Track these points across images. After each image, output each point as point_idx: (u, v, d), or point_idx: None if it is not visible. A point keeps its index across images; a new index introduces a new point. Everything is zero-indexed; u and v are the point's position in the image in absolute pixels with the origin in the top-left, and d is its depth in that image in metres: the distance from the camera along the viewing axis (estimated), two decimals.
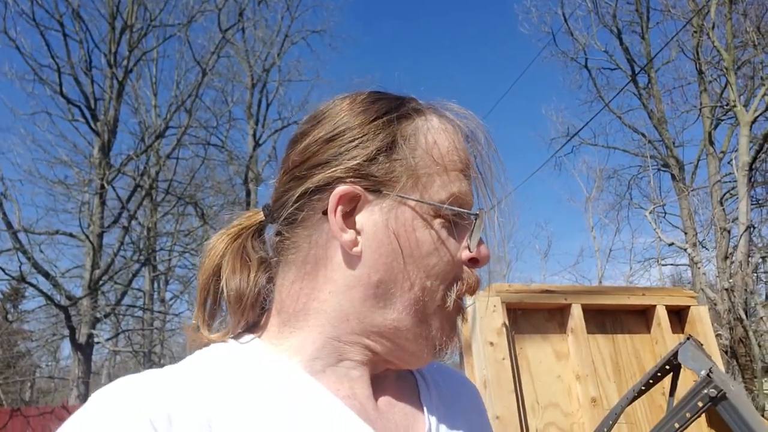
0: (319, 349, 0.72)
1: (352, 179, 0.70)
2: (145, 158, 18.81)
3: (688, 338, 1.84)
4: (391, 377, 0.80)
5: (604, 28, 19.58)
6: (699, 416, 1.38)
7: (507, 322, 2.95)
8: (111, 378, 25.98)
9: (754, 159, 14.00)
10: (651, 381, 1.97)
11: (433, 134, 0.74)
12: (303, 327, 0.73)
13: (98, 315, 17.11)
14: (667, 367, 1.95)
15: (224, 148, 23.85)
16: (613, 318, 3.44)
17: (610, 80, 21.01)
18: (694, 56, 17.46)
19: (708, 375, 1.36)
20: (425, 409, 0.79)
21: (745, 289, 12.73)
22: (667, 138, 18.82)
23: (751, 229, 13.89)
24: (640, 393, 1.99)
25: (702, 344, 1.86)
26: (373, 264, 0.70)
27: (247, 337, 0.75)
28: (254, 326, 0.78)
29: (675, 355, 1.87)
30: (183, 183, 21.61)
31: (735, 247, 13.58)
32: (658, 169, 19.93)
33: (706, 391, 1.36)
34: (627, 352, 3.37)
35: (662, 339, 3.37)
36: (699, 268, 13.96)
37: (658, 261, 17.29)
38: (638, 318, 3.46)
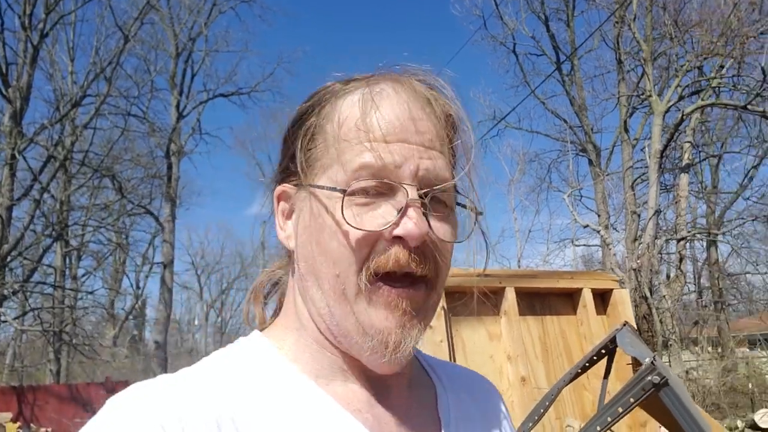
0: (311, 355, 0.71)
1: (283, 179, 0.74)
2: (60, 128, 17.81)
3: (624, 324, 1.94)
4: (405, 383, 0.76)
5: (533, 15, 20.07)
6: (642, 401, 1.45)
7: (446, 306, 3.01)
8: (16, 357, 24.61)
9: (665, 147, 14.85)
10: (587, 364, 2.06)
11: (342, 115, 0.69)
12: (290, 326, 0.74)
13: (5, 292, 16.16)
14: (603, 351, 2.04)
15: (145, 119, 22.88)
16: (542, 300, 3.58)
17: (536, 66, 21.63)
18: (614, 46, 18.20)
19: (652, 363, 1.43)
20: (442, 420, 0.76)
21: (651, 270, 13.61)
22: (587, 124, 19.63)
23: (659, 213, 14.81)
24: (577, 375, 2.08)
25: (638, 330, 1.95)
26: (302, 257, 0.71)
27: (257, 335, 0.75)
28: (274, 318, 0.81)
29: (612, 340, 1.96)
30: (100, 155, 20.59)
31: (643, 230, 14.44)
32: (577, 154, 20.80)
33: (649, 378, 1.43)
34: (554, 333, 3.52)
35: (587, 320, 3.55)
36: (610, 249, 14.77)
37: (572, 242, 18.10)
38: (565, 300, 3.62)
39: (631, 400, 1.50)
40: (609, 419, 1.57)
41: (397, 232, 0.64)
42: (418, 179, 0.66)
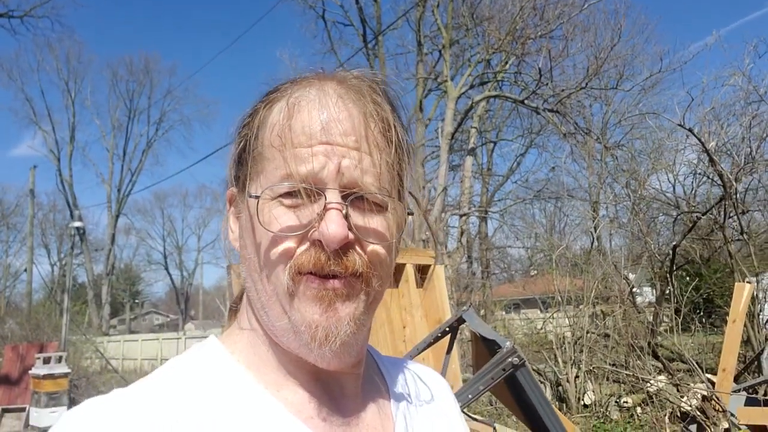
0: (261, 359, 0.73)
1: (232, 183, 0.76)
2: None
3: (469, 305, 2.13)
4: (358, 383, 0.77)
5: None
6: (501, 379, 1.64)
7: None
8: None
9: (456, 130, 16.25)
10: (433, 341, 2.24)
11: (272, 121, 0.70)
12: (243, 329, 0.75)
13: None
14: (448, 329, 2.23)
15: None
16: None
17: (343, 36, 22.00)
18: (416, 27, 19.23)
19: (513, 346, 1.62)
20: (395, 421, 0.78)
21: (437, 241, 14.94)
22: None
23: (446, 190, 16.22)
24: (424, 349, 2.25)
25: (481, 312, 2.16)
26: (243, 260, 0.74)
27: (212, 340, 0.76)
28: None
29: (458, 319, 2.16)
30: None
31: (432, 205, 15.75)
32: None
33: (510, 359, 1.62)
34: (378, 305, 3.73)
35: (408, 293, 3.81)
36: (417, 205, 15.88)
37: None
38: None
39: (492, 378, 1.68)
40: (470, 396, 1.74)
41: (315, 235, 0.66)
42: (340, 182, 0.67)
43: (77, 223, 17.51)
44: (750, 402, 5.20)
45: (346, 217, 0.66)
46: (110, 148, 42.73)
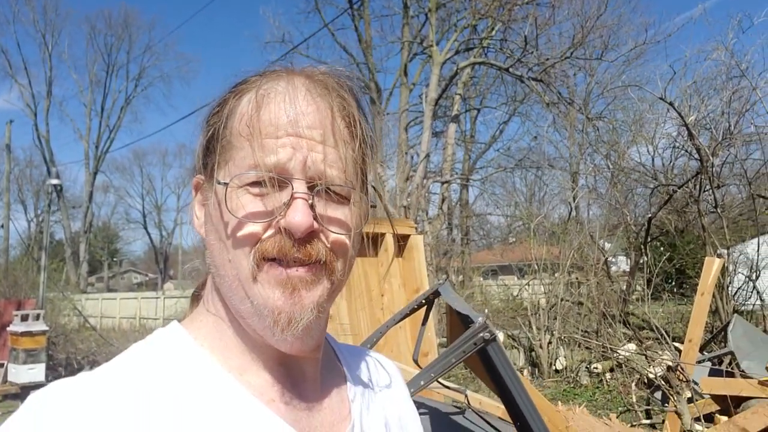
0: (226, 343, 0.75)
1: (200, 170, 0.78)
2: None
3: (446, 279, 2.19)
4: (317, 368, 0.80)
5: None
6: (472, 353, 1.70)
7: None
8: None
9: (440, 96, 16.16)
10: (409, 313, 2.30)
11: (241, 111, 0.72)
12: (207, 314, 0.77)
13: None
14: (424, 301, 2.30)
15: None
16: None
17: None
18: None
19: (485, 321, 1.68)
20: (351, 404, 0.82)
21: (418, 208, 15.02)
22: (371, 63, 20.32)
23: (428, 156, 16.22)
24: (399, 322, 2.31)
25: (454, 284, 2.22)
26: (208, 245, 0.76)
27: (175, 325, 0.77)
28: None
29: (434, 292, 2.22)
30: None
31: (414, 171, 15.76)
32: (359, 90, 21.47)
33: (482, 334, 1.68)
34: (358, 274, 3.79)
35: (386, 262, 3.87)
36: (384, 185, 15.88)
37: None
38: (369, 243, 3.89)
39: (464, 352, 1.74)
40: (443, 368, 1.81)
41: (282, 223, 0.68)
42: (307, 172, 0.70)
43: (54, 181, 17.21)
44: (714, 373, 5.42)
45: (312, 207, 0.69)
46: (88, 104, 41.75)
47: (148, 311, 24.56)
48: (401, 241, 4.07)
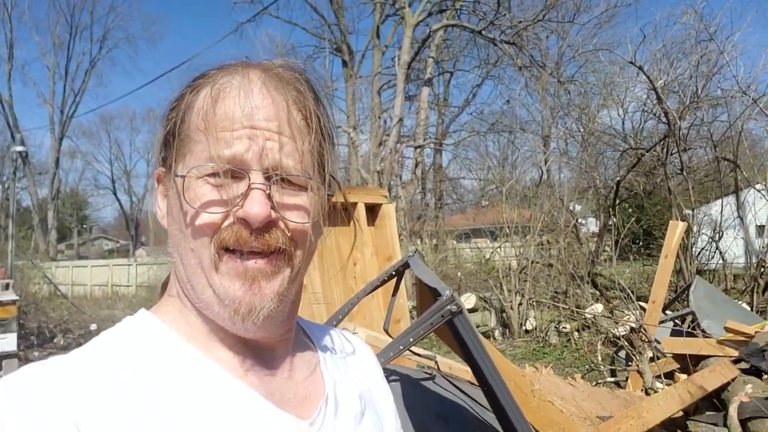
0: (192, 327, 0.76)
1: (160, 163, 0.80)
2: None
3: (415, 251, 2.23)
4: (288, 347, 0.83)
5: None
6: (440, 326, 1.76)
7: None
8: None
9: (413, 59, 16.00)
10: (379, 284, 2.35)
11: (198, 105, 0.74)
12: (172, 302, 0.79)
13: None
14: (394, 272, 2.34)
15: None
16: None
17: None
18: None
19: (452, 294, 1.73)
20: (325, 381, 0.84)
21: (392, 173, 15.02)
22: (343, 24, 19.98)
23: (401, 121, 16.15)
24: (371, 292, 2.36)
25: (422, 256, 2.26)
26: (170, 235, 0.78)
27: (143, 312, 0.79)
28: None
29: (404, 264, 2.26)
30: None
31: (388, 135, 15.69)
32: (331, 52, 21.19)
33: (448, 307, 1.73)
34: (330, 243, 3.82)
35: (360, 232, 3.90)
36: (357, 150, 15.81)
37: None
38: (341, 213, 3.91)
39: (431, 323, 1.80)
40: (411, 339, 1.87)
41: (239, 213, 0.70)
42: (263, 163, 0.71)
43: (19, 147, 16.72)
44: (676, 333, 5.63)
45: (269, 197, 0.70)
46: (51, 67, 40.29)
47: (120, 278, 24.36)
48: (373, 210, 4.10)
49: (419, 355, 2.77)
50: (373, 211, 4.11)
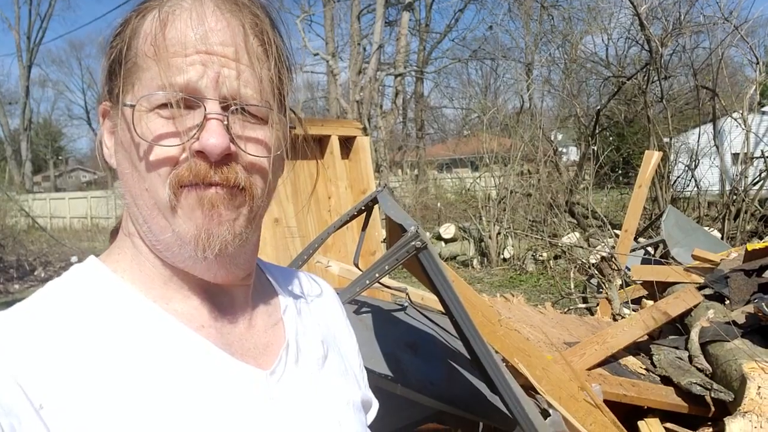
0: (147, 274, 0.72)
1: (106, 96, 0.73)
2: None
3: (384, 186, 2.23)
4: (247, 294, 0.79)
5: None
6: (405, 261, 1.78)
7: None
8: None
9: None
10: (349, 219, 2.36)
11: (146, 31, 0.68)
12: (125, 247, 0.74)
13: None
14: (363, 207, 2.34)
15: None
16: (294, 145, 3.77)
17: None
18: None
19: (417, 230, 1.74)
20: (285, 326, 0.81)
21: (372, 102, 14.79)
22: None
23: (381, 48, 15.75)
24: (340, 227, 2.37)
25: (392, 191, 2.26)
26: (120, 175, 0.72)
27: (92, 260, 0.74)
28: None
29: (373, 199, 2.26)
30: None
31: (367, 63, 15.33)
32: None
33: (413, 243, 1.74)
34: (304, 176, 3.79)
35: (333, 164, 3.88)
36: (336, 79, 15.47)
37: (301, 68, 18.37)
38: (314, 145, 3.87)
39: (396, 259, 1.81)
40: (377, 274, 1.89)
41: (195, 146, 0.65)
42: (220, 91, 0.66)
43: None
44: (646, 261, 5.78)
45: (227, 128, 0.66)
46: None
47: (98, 210, 24.15)
48: (347, 143, 4.06)
49: (390, 287, 2.81)
50: (347, 143, 4.07)
